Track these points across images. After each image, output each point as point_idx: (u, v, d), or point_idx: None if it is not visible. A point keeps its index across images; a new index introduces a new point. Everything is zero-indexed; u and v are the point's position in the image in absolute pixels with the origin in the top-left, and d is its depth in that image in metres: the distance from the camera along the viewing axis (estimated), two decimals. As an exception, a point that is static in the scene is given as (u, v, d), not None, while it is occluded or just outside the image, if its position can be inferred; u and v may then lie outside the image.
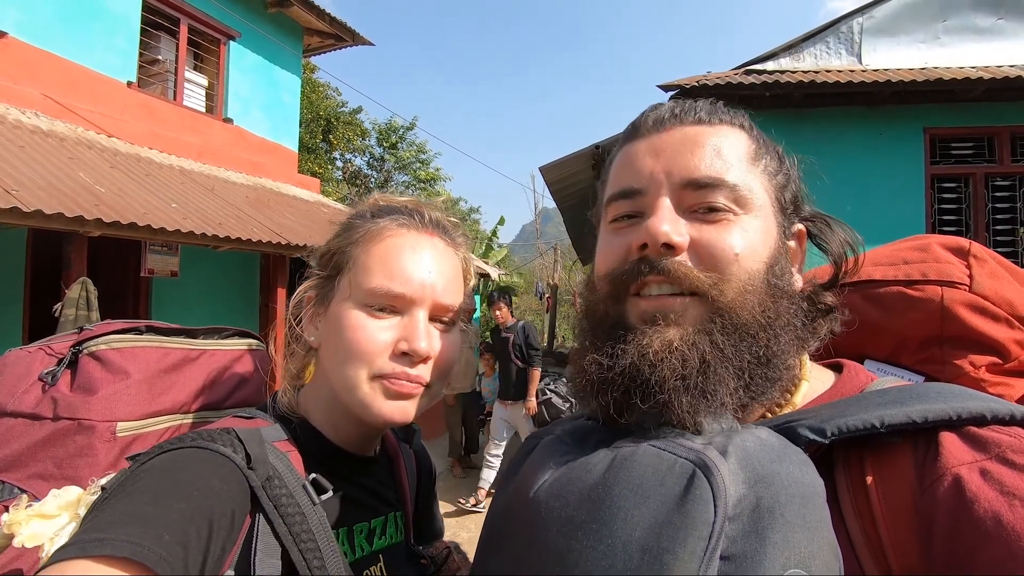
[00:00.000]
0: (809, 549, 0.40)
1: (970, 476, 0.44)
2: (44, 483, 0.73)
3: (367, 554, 0.77)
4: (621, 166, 0.64)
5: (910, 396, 0.51)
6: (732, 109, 0.64)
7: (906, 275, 0.70)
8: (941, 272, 0.68)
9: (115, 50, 6.52)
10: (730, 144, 0.60)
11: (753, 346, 0.54)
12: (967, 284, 0.66)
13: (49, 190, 4.14)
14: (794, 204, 0.64)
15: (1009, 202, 5.38)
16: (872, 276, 0.72)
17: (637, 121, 0.65)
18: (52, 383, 0.78)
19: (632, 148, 0.63)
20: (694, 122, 0.61)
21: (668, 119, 0.62)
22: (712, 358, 0.53)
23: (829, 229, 0.65)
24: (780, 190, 0.62)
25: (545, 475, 0.53)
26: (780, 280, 0.58)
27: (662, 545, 0.41)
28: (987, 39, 5.61)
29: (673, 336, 0.54)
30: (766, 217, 0.59)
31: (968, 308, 0.65)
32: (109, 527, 0.49)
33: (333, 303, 0.75)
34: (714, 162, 0.58)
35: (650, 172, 0.59)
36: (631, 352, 0.54)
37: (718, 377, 0.52)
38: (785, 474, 0.44)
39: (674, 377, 0.52)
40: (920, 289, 0.68)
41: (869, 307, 0.71)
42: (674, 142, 0.60)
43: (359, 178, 18.43)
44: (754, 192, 0.58)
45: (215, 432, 0.64)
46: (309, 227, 6.93)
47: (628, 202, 0.61)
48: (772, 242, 0.59)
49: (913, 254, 0.72)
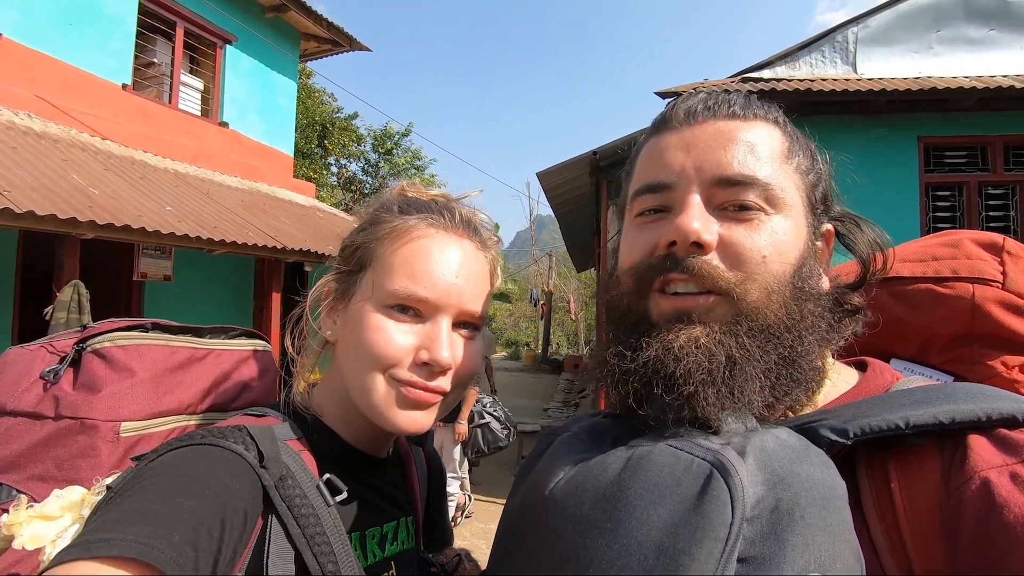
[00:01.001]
0: (830, 552, 0.39)
1: (999, 480, 0.42)
2: (44, 485, 0.70)
3: (379, 560, 0.74)
4: (649, 159, 0.62)
5: (937, 396, 0.49)
6: (766, 103, 0.63)
7: (936, 271, 0.68)
8: (973, 268, 0.66)
9: (110, 52, 6.48)
10: (764, 140, 0.58)
11: (779, 347, 0.53)
12: (1000, 281, 0.64)
13: (42, 191, 4.09)
14: (824, 203, 0.63)
15: (1002, 210, 5.44)
16: (900, 272, 0.70)
17: (667, 112, 0.63)
18: (54, 381, 0.75)
19: (661, 141, 0.61)
20: (727, 116, 0.59)
21: (700, 112, 0.60)
22: (739, 356, 0.52)
23: (858, 229, 0.64)
24: (812, 189, 0.60)
25: (561, 473, 0.52)
26: (807, 282, 0.56)
27: (678, 546, 0.40)
28: (979, 49, 5.70)
29: (699, 333, 0.53)
30: (796, 217, 0.58)
31: (1001, 306, 0.63)
32: (116, 526, 0.46)
33: (354, 300, 0.73)
34: (747, 159, 0.56)
35: (680, 167, 0.58)
36: (655, 346, 0.53)
37: (745, 375, 0.51)
38: (805, 475, 0.43)
39: (700, 371, 0.51)
40: (950, 286, 0.66)
41: (896, 304, 0.69)
42: (706, 136, 0.58)
43: (354, 184, 18.41)
44: (786, 191, 0.57)
45: (226, 429, 0.62)
46: (304, 232, 6.89)
47: (656, 196, 0.59)
48: (801, 243, 0.57)
49: (943, 250, 0.70)
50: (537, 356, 18.72)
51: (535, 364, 18.08)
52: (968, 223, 5.42)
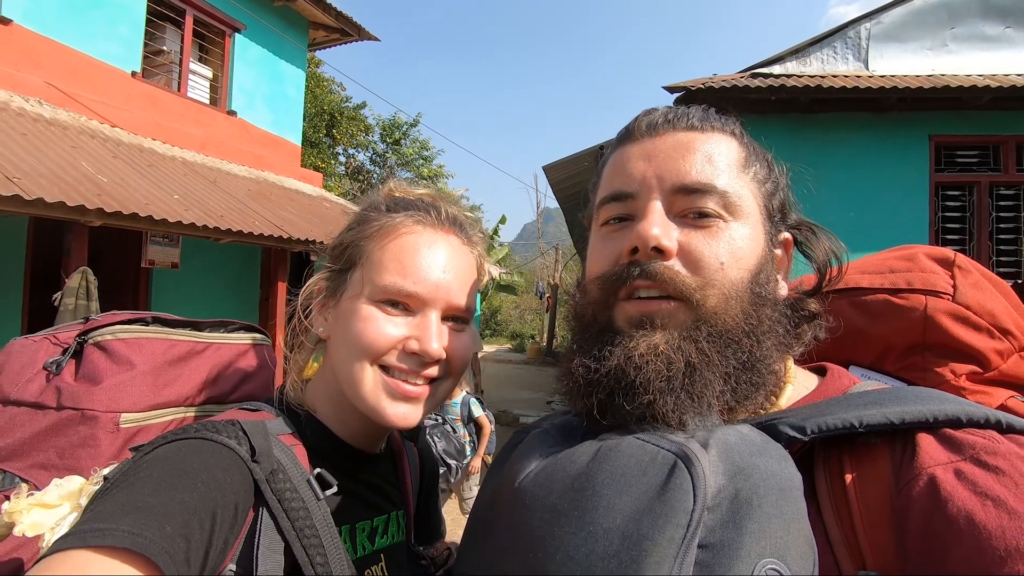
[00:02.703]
0: (785, 540, 0.42)
1: (945, 476, 0.45)
2: (46, 473, 0.72)
3: (369, 553, 0.76)
4: (613, 169, 0.65)
5: (889, 398, 0.52)
6: (723, 116, 0.66)
7: (892, 283, 0.71)
8: (926, 281, 0.69)
9: (120, 40, 6.50)
10: (721, 151, 0.61)
11: (737, 351, 0.56)
12: (950, 294, 0.67)
13: (51, 179, 4.13)
14: (782, 212, 0.65)
15: (1013, 211, 5.37)
16: (859, 284, 0.73)
17: (631, 125, 0.66)
18: (56, 372, 0.77)
19: (625, 152, 0.64)
20: (686, 128, 0.62)
21: (661, 124, 0.63)
22: (698, 362, 0.54)
23: (815, 237, 0.67)
24: (768, 197, 0.63)
25: (531, 465, 0.54)
26: (764, 288, 0.59)
27: (642, 532, 0.42)
28: (995, 47, 5.60)
29: (659, 340, 0.55)
30: (754, 224, 0.60)
31: (950, 317, 0.66)
32: (110, 517, 0.48)
33: (344, 297, 0.74)
34: (705, 168, 0.59)
35: (642, 176, 0.60)
36: (617, 354, 0.55)
37: (704, 380, 0.54)
38: (764, 467, 0.45)
39: (659, 379, 0.53)
40: (905, 297, 0.69)
41: (856, 314, 0.72)
42: (666, 147, 0.61)
43: (361, 173, 18.42)
44: (743, 199, 0.60)
45: (219, 423, 0.63)
46: (311, 221, 6.92)
47: (619, 205, 0.62)
48: (759, 250, 0.60)
49: (899, 263, 0.74)
50: (542, 349, 18.76)
51: (539, 357, 18.13)
52: (978, 224, 5.37)
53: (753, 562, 0.40)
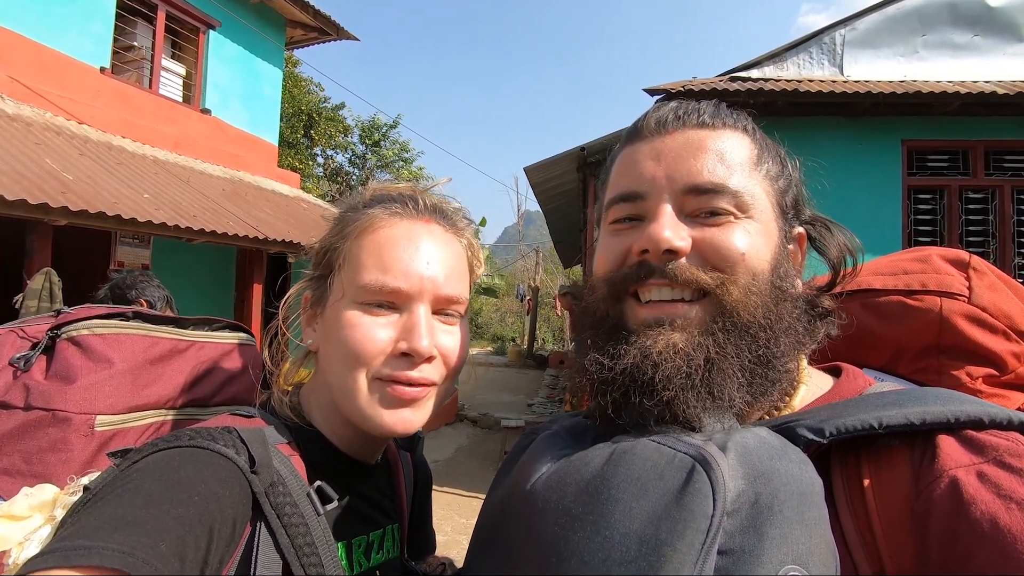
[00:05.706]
0: (806, 546, 0.40)
1: (967, 479, 0.44)
2: (10, 479, 0.66)
3: (365, 570, 0.72)
4: (622, 168, 0.64)
5: (908, 399, 0.51)
6: (735, 111, 0.64)
7: (906, 285, 0.70)
8: (940, 283, 0.68)
9: (89, 34, 6.29)
10: (733, 149, 0.60)
11: (753, 346, 0.55)
12: (966, 296, 0.66)
13: (12, 175, 3.95)
14: (795, 207, 0.65)
15: (982, 214, 5.54)
16: (872, 285, 0.73)
17: (639, 122, 0.64)
18: (24, 369, 0.71)
19: (634, 150, 0.63)
20: (697, 125, 0.61)
21: (671, 121, 0.61)
22: (716, 356, 0.53)
23: (829, 233, 0.66)
24: (781, 194, 0.62)
25: (542, 468, 0.52)
26: (783, 283, 0.58)
27: (660, 537, 0.41)
28: (964, 55, 5.78)
29: (677, 339, 0.54)
30: (767, 221, 0.59)
31: (966, 319, 0.66)
32: (96, 533, 0.43)
33: (328, 304, 0.70)
34: (716, 168, 0.58)
35: (652, 176, 0.59)
36: (633, 352, 0.55)
37: (723, 374, 0.53)
38: (784, 471, 0.44)
39: (679, 375, 0.52)
40: (919, 299, 0.69)
41: (868, 316, 0.71)
42: (676, 146, 0.60)
43: (340, 175, 18.20)
44: (755, 197, 0.59)
45: (215, 431, 0.58)
46: (288, 222, 6.78)
47: (629, 205, 0.61)
48: (774, 245, 0.59)
49: (913, 264, 0.73)
50: (523, 351, 18.75)
51: (520, 359, 18.11)
52: (949, 226, 5.52)
53: (775, 569, 0.39)
